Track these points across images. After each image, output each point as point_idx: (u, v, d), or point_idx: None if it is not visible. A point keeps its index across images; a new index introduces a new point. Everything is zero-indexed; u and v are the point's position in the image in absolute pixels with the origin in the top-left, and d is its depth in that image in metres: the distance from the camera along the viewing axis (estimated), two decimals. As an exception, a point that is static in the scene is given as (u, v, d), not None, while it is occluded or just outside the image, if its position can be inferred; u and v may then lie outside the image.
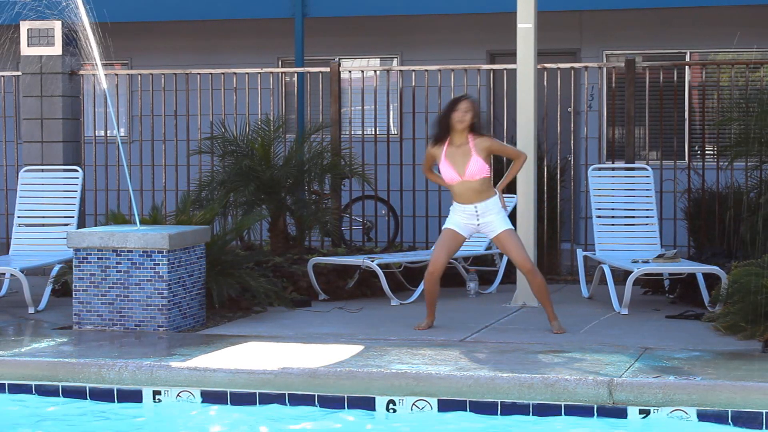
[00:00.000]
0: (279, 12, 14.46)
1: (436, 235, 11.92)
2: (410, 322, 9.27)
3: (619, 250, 10.65)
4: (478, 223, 8.95)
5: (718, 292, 9.23)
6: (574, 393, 6.88)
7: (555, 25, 13.56)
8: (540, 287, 8.95)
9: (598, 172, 11.05)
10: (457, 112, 8.84)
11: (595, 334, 8.71)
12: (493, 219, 8.91)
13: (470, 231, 9.04)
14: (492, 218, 8.91)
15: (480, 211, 8.91)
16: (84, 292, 9.09)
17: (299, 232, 11.75)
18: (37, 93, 12.43)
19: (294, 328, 9.10)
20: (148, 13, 14.91)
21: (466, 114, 8.84)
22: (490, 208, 8.90)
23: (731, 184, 11.47)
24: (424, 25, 14.75)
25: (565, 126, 13.08)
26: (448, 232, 9.02)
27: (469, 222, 8.97)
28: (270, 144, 11.65)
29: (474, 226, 8.98)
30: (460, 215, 8.98)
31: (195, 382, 7.38)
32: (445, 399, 7.02)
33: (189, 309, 9.24)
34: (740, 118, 11.45)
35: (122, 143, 10.01)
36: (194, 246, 9.32)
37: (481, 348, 8.14)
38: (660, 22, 14.16)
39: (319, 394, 7.19)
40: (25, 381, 7.61)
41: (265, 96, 12.90)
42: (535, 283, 8.96)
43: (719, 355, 7.85)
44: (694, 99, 13.84)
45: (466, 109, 8.85)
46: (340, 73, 12.45)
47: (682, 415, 6.72)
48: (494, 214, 8.90)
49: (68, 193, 11.30)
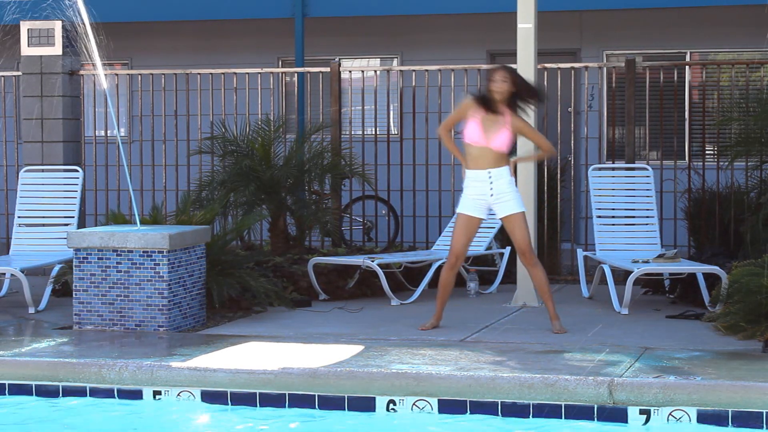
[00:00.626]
0: (279, 12, 14.47)
1: (436, 235, 11.92)
2: (410, 322, 9.27)
3: (619, 250, 10.65)
4: (491, 192, 8.87)
5: (719, 292, 9.23)
6: (574, 393, 6.88)
7: (555, 25, 13.56)
8: (541, 282, 8.94)
9: (598, 172, 11.05)
10: (493, 83, 8.84)
11: (595, 334, 8.71)
12: (507, 191, 8.88)
13: (484, 206, 8.93)
14: (506, 189, 8.88)
15: (494, 177, 8.86)
16: (84, 292, 9.09)
17: (299, 232, 11.75)
18: (37, 93, 12.43)
19: (294, 328, 9.10)
20: (148, 13, 14.92)
21: (503, 84, 8.81)
22: (503, 176, 8.88)
23: (731, 184, 11.47)
24: (424, 25, 14.75)
25: (565, 126, 13.08)
26: (462, 219, 8.98)
27: (481, 193, 8.88)
28: (270, 144, 11.65)
29: (486, 198, 8.88)
30: (472, 187, 8.90)
31: (195, 382, 7.38)
32: (446, 399, 7.02)
33: (189, 309, 9.24)
34: (740, 118, 11.46)
35: (122, 143, 10.01)
36: (194, 246, 9.32)
37: (482, 348, 8.14)
38: (660, 22, 14.16)
39: (320, 394, 7.19)
40: (25, 381, 7.61)
41: (265, 96, 12.90)
42: (536, 277, 8.96)
43: (719, 355, 7.85)
44: (695, 99, 13.84)
45: (502, 78, 8.82)
46: (341, 73, 12.45)
47: (682, 415, 6.72)
48: (509, 185, 8.88)
49: (68, 193, 11.30)
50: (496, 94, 8.84)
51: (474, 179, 8.92)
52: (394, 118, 14.12)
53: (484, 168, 8.88)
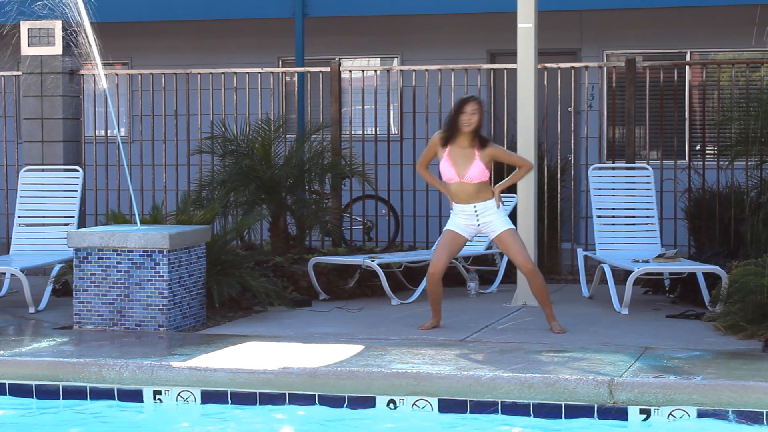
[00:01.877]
0: (279, 12, 14.47)
1: (436, 235, 11.92)
2: (410, 321, 9.27)
3: (619, 249, 10.65)
4: (478, 224, 8.94)
5: (719, 291, 9.23)
6: (574, 393, 6.89)
7: (555, 25, 13.56)
8: (540, 288, 8.93)
9: (598, 171, 11.05)
10: (464, 115, 8.81)
11: (595, 334, 8.71)
12: (493, 219, 8.90)
13: (471, 232, 9.02)
14: (492, 218, 8.90)
15: (479, 211, 8.90)
16: (84, 292, 9.09)
17: (300, 231, 11.75)
18: (38, 93, 12.43)
19: (294, 328, 9.10)
20: (148, 13, 14.92)
21: (473, 116, 8.81)
22: (489, 208, 8.90)
23: (731, 183, 11.47)
24: (424, 24, 14.76)
25: (565, 126, 13.08)
26: (448, 234, 9.01)
27: (469, 223, 8.96)
28: (270, 144, 11.66)
29: (474, 227, 8.97)
30: (460, 217, 8.97)
31: (195, 381, 7.38)
32: (446, 399, 7.02)
33: (189, 309, 9.24)
34: (740, 118, 11.46)
35: (122, 143, 10.01)
36: (195, 246, 9.32)
37: (482, 348, 8.14)
38: (660, 21, 14.17)
39: (320, 393, 7.19)
40: (25, 381, 7.61)
41: (265, 96, 12.90)
42: (535, 284, 8.94)
43: (720, 354, 7.85)
44: (695, 98, 13.84)
45: (472, 111, 8.81)
46: (341, 72, 12.45)
47: (682, 414, 6.72)
48: (494, 214, 8.90)
49: (68, 193, 11.30)
50: (466, 127, 8.82)
51: (461, 212, 8.96)
52: (394, 117, 14.12)
53: (469, 203, 8.90)
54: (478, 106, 8.84)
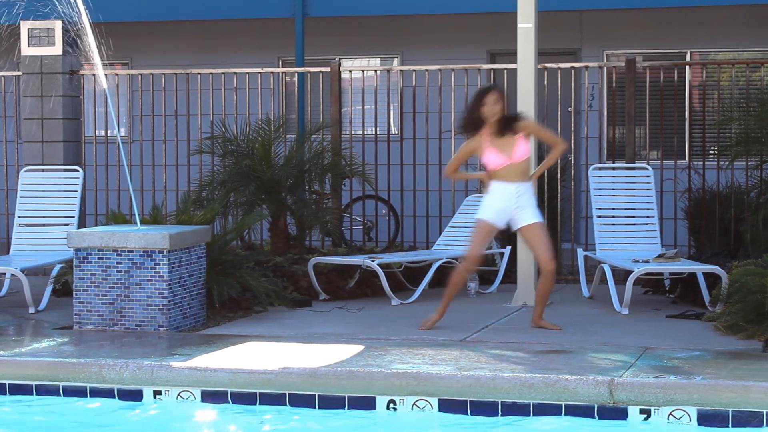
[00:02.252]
0: (279, 12, 14.47)
1: (436, 235, 11.92)
2: (411, 321, 9.27)
3: (619, 249, 10.65)
4: (516, 205, 8.88)
5: (719, 291, 9.23)
6: (574, 393, 6.89)
7: (555, 25, 13.56)
8: (548, 290, 8.94)
9: (598, 171, 11.05)
10: (486, 107, 8.82)
11: (595, 334, 8.71)
12: (528, 206, 8.91)
13: (506, 217, 8.94)
14: (528, 204, 8.90)
15: (520, 192, 8.89)
16: (84, 292, 9.09)
17: (300, 231, 11.75)
18: (38, 93, 12.43)
19: (294, 328, 9.10)
20: (148, 13, 14.92)
21: (496, 105, 8.82)
22: (528, 191, 8.93)
23: (731, 183, 11.47)
24: (425, 25, 14.75)
25: (565, 126, 13.07)
26: (484, 225, 8.98)
27: (507, 204, 8.88)
28: (270, 144, 11.66)
29: (511, 209, 8.89)
30: (498, 198, 8.89)
31: (195, 381, 7.38)
32: (446, 399, 7.02)
33: (189, 309, 9.24)
34: (741, 118, 11.46)
35: (122, 143, 10.01)
36: (195, 246, 9.32)
37: (482, 348, 8.14)
38: (660, 21, 14.17)
39: (320, 393, 7.19)
40: (25, 381, 7.61)
41: (265, 96, 12.90)
42: (546, 285, 8.90)
43: (720, 354, 7.85)
44: (695, 99, 13.84)
45: (494, 101, 8.82)
46: (341, 72, 12.45)
47: (682, 414, 6.72)
48: (530, 200, 8.92)
49: (68, 193, 11.30)
50: (491, 117, 8.82)
51: (501, 191, 8.91)
52: (394, 117, 14.13)
53: (513, 181, 8.89)
54: (498, 94, 8.87)
